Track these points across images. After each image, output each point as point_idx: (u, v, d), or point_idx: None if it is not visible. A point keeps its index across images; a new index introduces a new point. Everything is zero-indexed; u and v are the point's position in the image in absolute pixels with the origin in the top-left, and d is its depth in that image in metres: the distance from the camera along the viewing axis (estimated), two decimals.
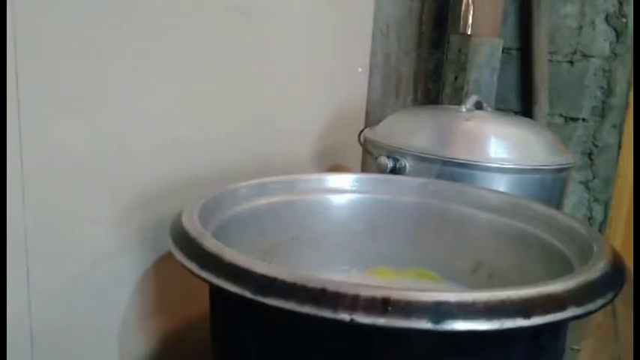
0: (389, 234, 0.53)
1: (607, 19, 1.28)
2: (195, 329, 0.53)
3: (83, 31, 0.40)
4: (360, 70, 0.91)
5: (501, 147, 0.62)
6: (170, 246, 0.36)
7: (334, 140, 0.80)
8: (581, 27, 1.31)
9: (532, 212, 0.48)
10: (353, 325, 0.27)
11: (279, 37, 0.65)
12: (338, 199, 0.53)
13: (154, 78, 0.48)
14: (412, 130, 0.65)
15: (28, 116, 0.37)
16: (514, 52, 1.36)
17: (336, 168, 0.83)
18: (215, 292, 0.38)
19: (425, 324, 0.27)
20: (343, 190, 0.54)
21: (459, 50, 1.22)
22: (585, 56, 1.31)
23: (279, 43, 0.66)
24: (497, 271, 0.48)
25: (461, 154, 0.60)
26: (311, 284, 0.29)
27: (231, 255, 0.32)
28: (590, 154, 1.35)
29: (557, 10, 1.31)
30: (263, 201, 0.49)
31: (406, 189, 0.54)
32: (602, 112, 1.32)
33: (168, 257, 0.42)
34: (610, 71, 1.30)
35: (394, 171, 0.62)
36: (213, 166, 0.56)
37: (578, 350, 0.58)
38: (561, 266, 0.40)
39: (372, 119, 0.93)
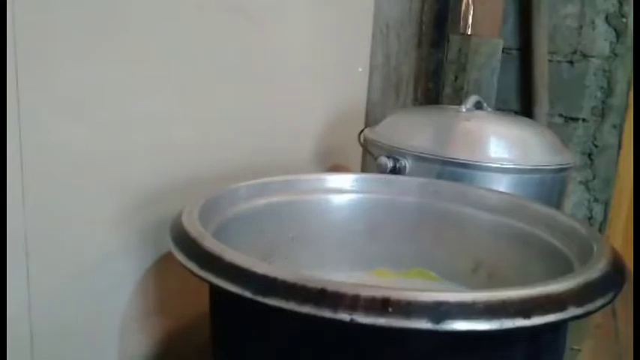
0: (389, 234, 0.53)
1: (607, 19, 1.28)
2: (195, 329, 0.53)
3: (83, 32, 0.40)
4: (360, 70, 0.91)
5: (501, 147, 0.62)
6: (170, 246, 0.36)
7: (334, 140, 0.80)
8: (581, 27, 1.31)
9: (532, 212, 0.48)
10: (353, 325, 0.27)
11: (279, 37, 0.65)
12: (338, 199, 0.53)
13: (154, 78, 0.48)
14: (412, 130, 0.65)
15: (28, 116, 0.37)
16: (514, 52, 1.36)
17: (336, 168, 0.83)
18: (215, 292, 0.38)
19: (425, 324, 0.27)
20: (343, 190, 0.54)
21: (459, 50, 1.22)
22: (585, 56, 1.31)
23: (280, 44, 0.66)
24: (497, 271, 0.48)
25: (461, 154, 0.60)
26: (311, 284, 0.29)
27: (231, 255, 0.32)
28: (590, 154, 1.35)
29: (557, 11, 1.31)
30: (263, 201, 0.49)
31: (406, 189, 0.54)
32: (602, 112, 1.32)
33: (168, 257, 0.42)
34: (610, 71, 1.30)
35: (394, 171, 0.62)
36: (213, 166, 0.56)
37: (578, 350, 0.58)
38: (561, 266, 0.40)
39: (372, 119, 0.93)
